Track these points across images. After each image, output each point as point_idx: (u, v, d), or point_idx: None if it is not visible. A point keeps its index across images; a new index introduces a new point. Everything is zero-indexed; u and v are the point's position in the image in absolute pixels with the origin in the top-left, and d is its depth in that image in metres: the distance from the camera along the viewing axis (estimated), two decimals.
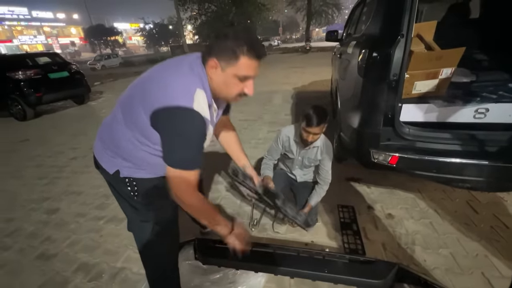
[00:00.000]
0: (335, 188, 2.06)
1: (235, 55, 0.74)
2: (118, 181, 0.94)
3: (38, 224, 2.05)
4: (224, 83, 0.79)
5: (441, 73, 1.54)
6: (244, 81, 0.80)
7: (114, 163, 0.92)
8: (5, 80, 5.27)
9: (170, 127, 0.75)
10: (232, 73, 0.77)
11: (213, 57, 0.76)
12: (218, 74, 0.78)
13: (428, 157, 1.46)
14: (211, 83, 0.81)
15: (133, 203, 0.97)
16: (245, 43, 0.74)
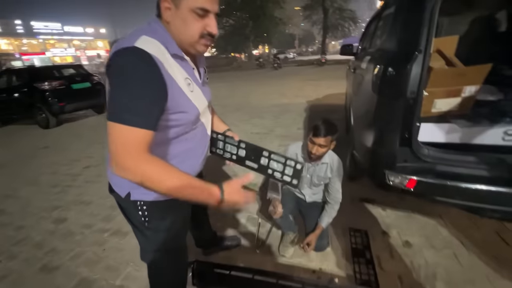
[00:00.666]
0: (347, 209, 1.93)
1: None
2: (129, 205, 0.89)
3: (45, 233, 2.07)
4: (182, 21, 0.68)
5: (464, 91, 1.43)
6: (204, 17, 0.69)
7: (125, 185, 0.86)
8: (32, 90, 5.60)
9: (109, 74, 0.65)
10: (187, 7, 0.66)
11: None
12: (173, 14, 0.68)
13: (451, 182, 1.33)
14: (170, 29, 0.70)
15: (144, 231, 0.92)
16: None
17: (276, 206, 1.46)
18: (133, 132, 0.62)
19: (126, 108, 0.62)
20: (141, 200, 0.86)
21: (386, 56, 1.54)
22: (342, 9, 21.84)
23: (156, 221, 0.90)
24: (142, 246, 0.98)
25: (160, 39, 0.68)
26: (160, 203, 0.88)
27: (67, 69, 6.54)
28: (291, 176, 0.95)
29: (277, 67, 17.32)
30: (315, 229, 1.49)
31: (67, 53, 61.61)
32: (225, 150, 1.03)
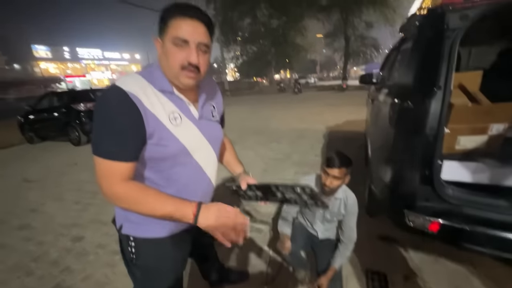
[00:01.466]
0: (364, 247, 1.81)
1: (165, 21, 0.69)
2: (123, 239, 0.89)
3: (62, 251, 2.13)
4: (165, 54, 0.71)
5: (490, 129, 1.34)
6: (184, 48, 0.69)
7: (120, 215, 0.87)
8: (69, 110, 6.13)
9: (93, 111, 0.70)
10: (167, 41, 0.69)
11: (156, 37, 0.73)
12: (160, 49, 0.73)
13: (481, 228, 1.20)
14: (162, 65, 0.75)
15: (132, 267, 0.91)
16: (172, 7, 0.69)
17: (284, 241, 1.40)
18: (110, 165, 0.68)
19: (102, 142, 0.67)
20: (131, 235, 0.85)
21: (403, 90, 1.51)
22: (364, 36, 22.10)
23: (144, 260, 0.87)
24: (133, 281, 0.95)
25: (147, 76, 0.74)
26: (151, 241, 0.85)
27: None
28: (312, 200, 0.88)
29: (297, 91, 17.56)
30: (327, 270, 1.39)
31: (104, 76, 67.48)
32: (246, 194, 0.99)
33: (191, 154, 0.81)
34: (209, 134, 0.87)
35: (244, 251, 1.94)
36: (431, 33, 1.38)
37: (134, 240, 0.85)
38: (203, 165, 0.87)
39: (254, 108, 11.52)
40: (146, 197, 0.69)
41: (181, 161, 0.81)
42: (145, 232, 0.85)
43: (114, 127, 0.66)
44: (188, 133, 0.79)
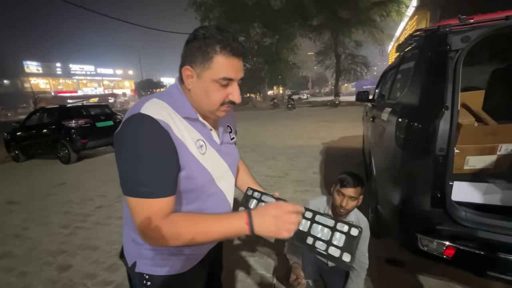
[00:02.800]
0: (372, 273, 1.72)
1: (208, 55, 0.63)
2: (134, 277, 0.80)
3: (47, 283, 1.95)
4: (204, 91, 0.66)
5: (499, 149, 1.32)
6: (226, 86, 0.67)
7: (133, 251, 0.78)
8: (59, 127, 5.97)
9: (117, 144, 0.61)
10: (209, 77, 0.64)
11: (186, 65, 0.65)
12: (195, 83, 0.66)
13: (500, 254, 1.14)
14: (191, 95, 0.69)
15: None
16: (216, 41, 0.62)
17: (297, 273, 1.30)
18: (155, 203, 0.60)
19: (142, 181, 0.59)
20: (147, 273, 0.77)
21: (409, 110, 1.49)
22: (354, 55, 22.98)
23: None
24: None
25: (171, 102, 0.67)
26: (170, 278, 0.78)
27: (94, 108, 7.00)
28: (341, 247, 0.63)
29: (291, 107, 17.80)
30: None
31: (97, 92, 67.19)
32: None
33: (216, 183, 0.77)
34: (229, 158, 0.83)
35: (246, 281, 1.82)
36: (434, 55, 1.39)
37: (150, 279, 0.77)
38: (226, 192, 0.82)
39: (248, 124, 11.53)
40: (196, 226, 0.61)
41: (208, 191, 0.76)
42: (162, 269, 0.77)
43: (151, 161, 0.59)
44: (212, 161, 0.75)
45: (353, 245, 0.63)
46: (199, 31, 0.64)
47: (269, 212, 0.61)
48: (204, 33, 0.63)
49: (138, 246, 0.77)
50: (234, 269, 1.92)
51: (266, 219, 0.61)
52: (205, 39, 0.62)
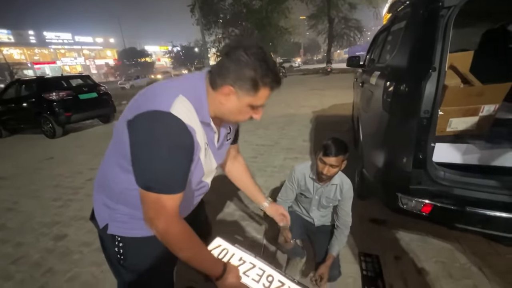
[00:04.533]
0: (356, 231, 1.83)
1: (257, 87, 0.68)
2: (106, 238, 0.83)
3: (44, 252, 2.01)
4: (238, 110, 0.73)
5: (482, 110, 1.34)
6: (256, 108, 0.74)
7: (104, 215, 0.81)
8: (40, 101, 5.69)
9: (140, 136, 0.63)
10: (248, 102, 0.71)
11: (229, 85, 0.68)
12: (232, 101, 0.70)
13: (471, 208, 1.23)
14: (219, 107, 0.73)
15: (119, 268, 0.84)
16: (266, 75, 0.67)
17: (285, 233, 1.36)
18: (171, 199, 0.66)
19: (163, 180, 0.64)
20: (119, 235, 0.79)
21: (397, 72, 1.47)
22: (347, 18, 21.96)
23: (133, 260, 0.82)
24: (118, 282, 0.89)
25: (194, 103, 0.69)
26: (140, 240, 0.80)
27: (75, 80, 6.64)
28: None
29: (282, 76, 17.33)
30: (326, 259, 1.39)
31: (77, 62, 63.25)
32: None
33: (203, 179, 0.84)
34: (219, 159, 0.89)
35: (237, 241, 1.92)
36: (426, 12, 1.33)
37: (122, 240, 0.80)
38: (208, 183, 0.91)
39: None
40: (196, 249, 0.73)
41: (193, 184, 0.81)
42: (133, 232, 0.80)
43: (174, 163, 0.65)
44: (207, 162, 0.80)
45: None
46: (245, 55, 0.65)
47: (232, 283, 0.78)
48: (254, 63, 0.65)
49: (110, 210, 0.79)
50: (225, 232, 2.00)
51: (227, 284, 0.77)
52: (257, 70, 0.66)
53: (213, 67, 0.72)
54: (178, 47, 44.47)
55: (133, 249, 0.81)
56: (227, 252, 0.90)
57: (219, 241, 0.94)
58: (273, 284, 0.83)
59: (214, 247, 0.90)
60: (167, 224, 0.66)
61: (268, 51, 0.70)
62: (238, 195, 2.50)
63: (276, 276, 0.86)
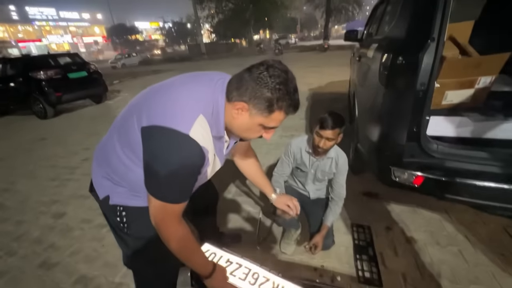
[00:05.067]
0: (349, 204, 1.89)
1: (271, 108, 0.67)
2: (108, 209, 0.85)
3: (44, 228, 2.05)
4: (248, 127, 0.73)
5: (478, 82, 1.34)
6: (267, 129, 0.74)
7: (105, 186, 0.83)
8: (28, 80, 5.48)
9: (156, 150, 0.65)
10: (260, 122, 0.71)
11: (244, 101, 0.68)
12: (243, 117, 0.71)
13: (461, 179, 1.26)
14: (231, 121, 0.74)
15: (123, 236, 0.87)
16: (283, 98, 0.66)
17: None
18: (178, 207, 0.72)
19: (178, 194, 0.70)
20: (121, 204, 0.82)
21: (394, 44, 1.44)
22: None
23: (136, 228, 0.85)
24: (122, 249, 0.93)
25: (211, 120, 0.71)
26: (141, 210, 0.82)
27: (63, 58, 6.38)
28: None
29: (278, 53, 16.91)
30: (321, 229, 1.44)
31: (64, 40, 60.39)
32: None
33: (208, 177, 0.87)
34: (223, 160, 0.90)
35: (235, 217, 1.97)
36: None
37: (125, 209, 0.83)
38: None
39: (233, 72, 10.96)
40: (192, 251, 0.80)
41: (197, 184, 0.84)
42: (135, 202, 0.83)
43: (186, 180, 0.70)
44: (214, 166, 0.83)
45: None
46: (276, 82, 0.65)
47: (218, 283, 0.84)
48: (275, 85, 0.65)
49: (113, 183, 0.82)
50: (223, 207, 2.05)
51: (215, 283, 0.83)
52: (276, 93, 0.65)
53: (232, 78, 0.73)
54: (170, 23, 42.55)
55: (136, 217, 0.84)
56: (215, 256, 0.96)
57: (207, 246, 1.00)
58: (258, 280, 0.89)
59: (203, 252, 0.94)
60: (170, 228, 0.73)
61: (293, 74, 0.69)
62: (234, 173, 2.53)
63: (261, 272, 0.92)
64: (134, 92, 8.45)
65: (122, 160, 0.77)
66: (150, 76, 13.14)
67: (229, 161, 1.21)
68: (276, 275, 0.90)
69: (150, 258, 0.91)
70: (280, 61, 0.70)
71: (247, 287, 0.89)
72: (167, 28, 43.22)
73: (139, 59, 24.63)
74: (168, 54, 33.75)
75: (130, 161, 0.76)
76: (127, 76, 14.04)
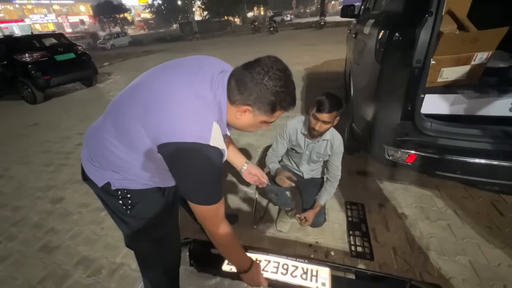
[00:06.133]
0: (344, 182, 1.91)
1: (274, 110, 0.72)
2: (108, 194, 0.84)
3: (42, 213, 2.07)
4: (251, 125, 0.79)
5: (474, 58, 1.31)
6: (267, 123, 0.79)
7: (104, 175, 0.81)
8: (13, 63, 5.26)
9: (188, 167, 0.70)
10: (262, 120, 0.76)
11: (248, 105, 0.71)
12: (247, 117, 0.75)
13: (452, 156, 1.28)
14: (234, 120, 0.77)
15: (126, 219, 0.87)
16: (286, 99, 0.71)
17: (282, 173, 1.39)
18: (218, 206, 0.77)
19: (216, 194, 0.76)
20: (123, 188, 0.82)
21: (391, 19, 1.39)
22: None
23: (140, 209, 0.86)
24: (124, 231, 0.94)
25: (220, 122, 0.74)
26: (143, 191, 0.84)
27: (48, 39, 6.08)
28: None
29: (273, 31, 16.33)
30: (314, 206, 1.47)
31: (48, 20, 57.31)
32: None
33: None
34: None
35: (232, 197, 2.00)
36: None
37: (129, 192, 0.84)
38: None
39: (228, 51, 10.69)
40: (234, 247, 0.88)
41: None
42: (135, 185, 0.84)
43: (215, 181, 0.75)
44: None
45: None
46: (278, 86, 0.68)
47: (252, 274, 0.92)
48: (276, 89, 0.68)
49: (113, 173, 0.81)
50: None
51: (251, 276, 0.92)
52: (278, 96, 0.69)
53: (232, 77, 0.72)
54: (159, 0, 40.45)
55: (140, 199, 0.85)
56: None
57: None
58: (289, 269, 1.01)
59: None
60: (220, 227, 0.80)
61: (290, 71, 0.71)
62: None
63: (290, 262, 1.03)
64: (126, 74, 8.21)
65: (124, 158, 0.77)
66: (141, 57, 12.72)
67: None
68: (303, 262, 0.98)
69: (153, 238, 0.92)
70: (276, 58, 0.70)
71: (280, 277, 1.01)
72: (157, 6, 41.17)
73: (129, 39, 23.67)
74: (160, 34, 32.41)
75: (136, 161, 0.77)
76: (117, 57, 13.55)
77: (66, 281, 1.46)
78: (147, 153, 0.74)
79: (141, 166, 0.78)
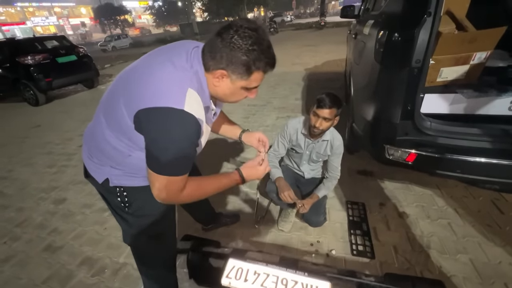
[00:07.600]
0: (345, 182, 1.94)
1: (249, 71, 0.69)
2: (108, 191, 0.87)
3: (46, 214, 2.08)
4: (231, 93, 0.76)
5: (473, 58, 1.32)
6: (250, 90, 0.76)
7: (103, 171, 0.84)
8: (15, 66, 5.29)
9: (156, 131, 0.67)
10: (242, 85, 0.73)
11: (222, 69, 0.69)
12: (225, 84, 0.73)
13: (452, 155, 1.29)
14: (214, 89, 0.75)
15: (124, 216, 0.90)
16: (259, 58, 0.68)
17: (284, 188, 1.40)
18: (181, 179, 0.73)
19: (182, 165, 0.72)
20: (121, 185, 0.84)
21: (390, 20, 1.40)
22: None
23: (137, 206, 0.88)
24: (123, 228, 0.96)
25: (200, 92, 0.72)
26: (141, 189, 0.85)
27: (49, 41, 6.11)
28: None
29: (273, 31, 16.37)
30: (311, 197, 1.47)
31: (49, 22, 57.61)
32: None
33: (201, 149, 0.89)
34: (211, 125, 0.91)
35: (233, 197, 2.02)
36: None
37: (126, 190, 0.85)
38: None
39: None
40: (206, 186, 0.83)
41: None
42: (133, 181, 0.85)
43: (186, 152, 0.71)
44: (205, 137, 0.85)
45: None
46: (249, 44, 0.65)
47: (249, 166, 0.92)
48: (248, 47, 0.65)
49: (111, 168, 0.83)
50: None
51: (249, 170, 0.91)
52: (250, 54, 0.66)
53: (205, 46, 0.72)
54: (160, 1, 40.60)
55: (137, 196, 0.87)
56: (242, 270, 0.93)
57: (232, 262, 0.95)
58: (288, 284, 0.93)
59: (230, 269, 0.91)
60: (179, 198, 0.76)
61: (263, 30, 0.68)
62: (231, 154, 2.55)
63: (289, 276, 0.96)
64: None
65: (117, 147, 0.78)
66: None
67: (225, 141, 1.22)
68: (303, 275, 0.96)
69: (150, 234, 0.94)
70: (247, 19, 0.70)
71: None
72: (157, 7, 41.33)
73: (130, 41, 23.76)
74: (160, 35, 32.52)
75: (128, 147, 0.77)
76: (118, 59, 13.63)
77: (71, 281, 1.48)
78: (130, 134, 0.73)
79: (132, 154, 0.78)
